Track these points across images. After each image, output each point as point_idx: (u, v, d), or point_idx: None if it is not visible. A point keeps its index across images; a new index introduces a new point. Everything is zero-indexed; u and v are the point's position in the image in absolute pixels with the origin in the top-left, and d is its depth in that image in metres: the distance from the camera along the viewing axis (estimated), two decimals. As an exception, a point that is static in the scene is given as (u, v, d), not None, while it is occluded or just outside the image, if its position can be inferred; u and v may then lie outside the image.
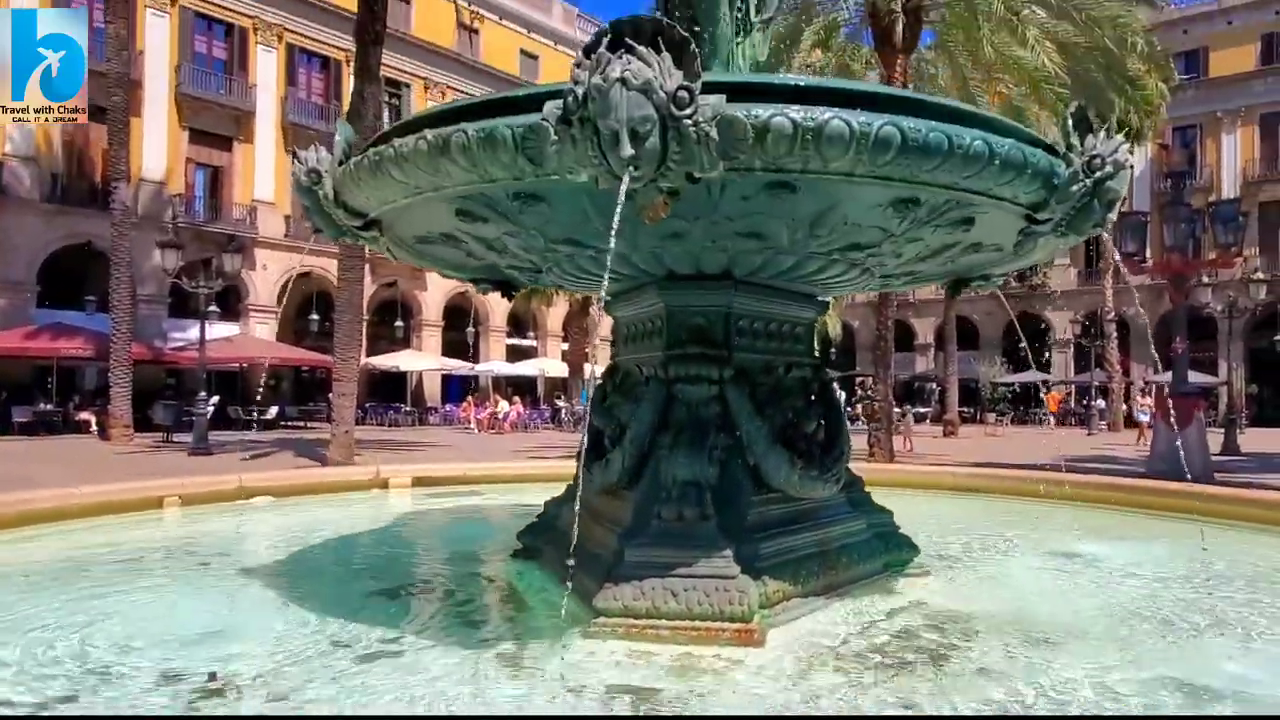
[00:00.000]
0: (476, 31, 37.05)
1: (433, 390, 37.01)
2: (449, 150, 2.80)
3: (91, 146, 25.25)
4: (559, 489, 4.82)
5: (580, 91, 2.53)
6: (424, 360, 35.17)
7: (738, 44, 4.26)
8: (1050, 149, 3.31)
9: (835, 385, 4.87)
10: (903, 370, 40.75)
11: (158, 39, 26.33)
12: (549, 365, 38.85)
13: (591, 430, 4.34)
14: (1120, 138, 3.27)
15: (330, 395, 18.50)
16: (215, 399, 23.14)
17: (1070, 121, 3.29)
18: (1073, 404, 41.63)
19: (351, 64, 30.15)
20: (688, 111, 2.51)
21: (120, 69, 18.66)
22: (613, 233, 2.73)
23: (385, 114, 31.29)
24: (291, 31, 29.97)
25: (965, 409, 38.33)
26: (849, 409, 39.54)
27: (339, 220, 3.58)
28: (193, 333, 26.28)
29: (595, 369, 4.92)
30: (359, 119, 16.94)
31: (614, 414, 4.22)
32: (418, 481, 8.05)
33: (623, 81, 2.46)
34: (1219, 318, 25.07)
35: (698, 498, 3.53)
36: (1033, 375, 40.62)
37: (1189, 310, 22.81)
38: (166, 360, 26.07)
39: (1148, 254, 29.86)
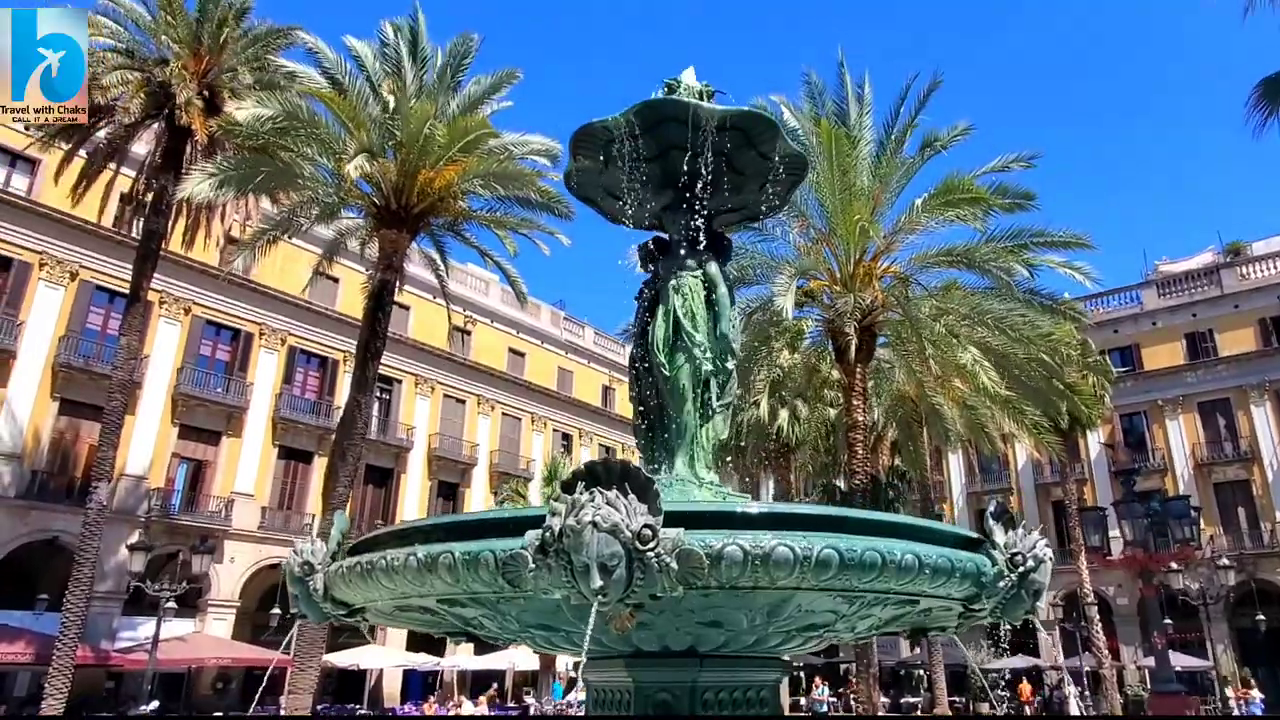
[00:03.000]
0: (469, 333, 39.74)
1: (393, 689, 34.62)
2: (436, 568, 3.11)
3: (79, 442, 25.77)
4: None
5: (557, 527, 2.90)
6: (387, 656, 33.17)
7: (701, 428, 4.80)
8: (980, 541, 3.69)
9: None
10: (887, 656, 39.09)
11: (166, 345, 28.00)
12: (518, 658, 36.85)
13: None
14: (1037, 534, 3.67)
15: (282, 698, 17.35)
16: (155, 705, 21.57)
17: (990, 520, 3.70)
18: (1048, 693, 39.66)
19: (347, 362, 32.14)
20: (651, 546, 2.87)
21: (126, 377, 19.62)
22: (586, 636, 2.98)
23: (375, 408, 32.62)
24: (295, 336, 32.05)
25: (955, 698, 36.31)
26: (833, 698, 37.39)
27: (326, 610, 3.80)
28: (144, 631, 25.05)
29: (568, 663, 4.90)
30: (351, 425, 17.76)
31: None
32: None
33: (594, 524, 2.84)
34: (1196, 603, 24.90)
35: None
36: (1021, 660, 39.03)
37: (1167, 593, 22.86)
38: (112, 663, 24.58)
39: (1111, 544, 30.46)
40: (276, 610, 28.57)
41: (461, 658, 35.75)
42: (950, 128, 16.53)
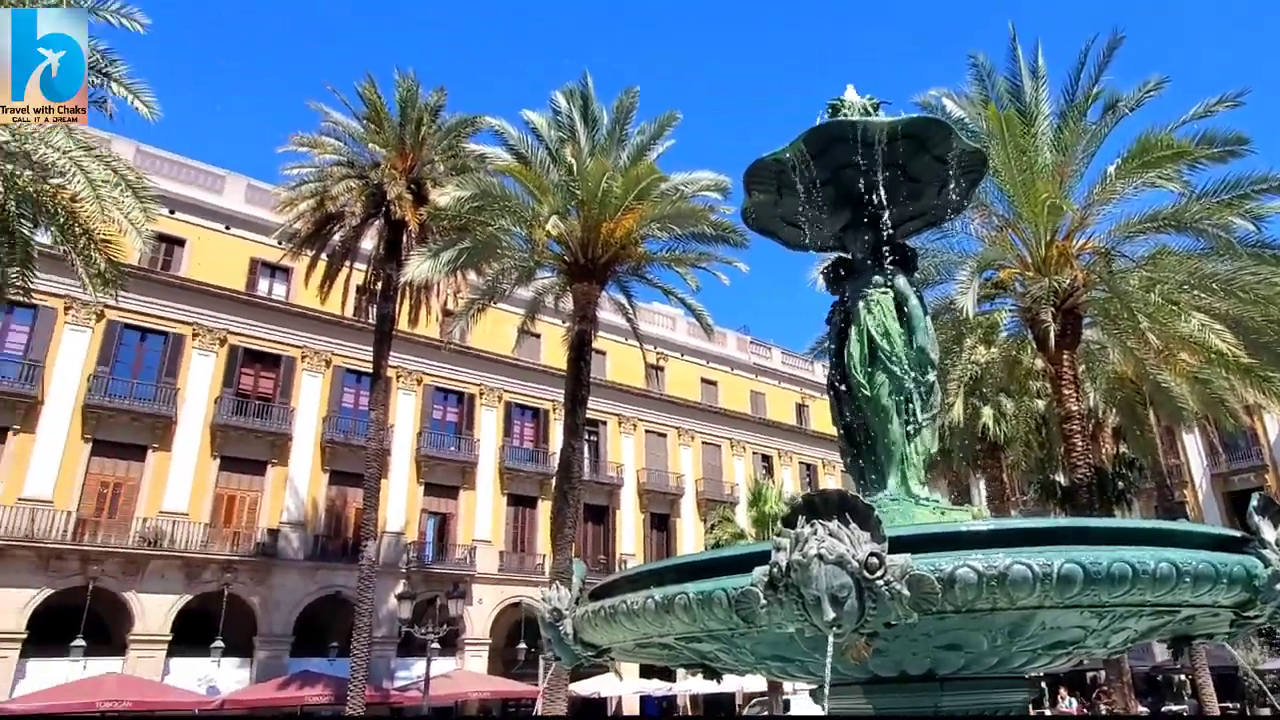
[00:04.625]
0: (662, 369, 40.66)
1: (631, 714, 35.48)
2: (673, 609, 3.19)
3: (347, 507, 28.88)
4: None
5: (783, 563, 2.89)
6: (624, 684, 34.01)
7: (909, 444, 4.62)
8: (1246, 539, 3.27)
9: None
10: (1139, 662, 34.97)
11: (405, 413, 31.05)
12: (747, 682, 36.55)
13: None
14: (1316, 528, 3.20)
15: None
16: (432, 737, 23.38)
17: (1256, 515, 3.28)
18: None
19: (556, 410, 33.87)
20: (879, 574, 2.79)
21: (378, 446, 21.85)
22: (826, 667, 2.92)
23: (585, 450, 34.01)
24: (509, 392, 34.31)
25: (1227, 704, 31.70)
26: (1084, 705, 33.72)
27: (577, 653, 3.99)
28: (415, 670, 27.29)
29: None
30: (568, 469, 18.65)
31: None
32: None
33: (820, 557, 2.81)
34: None
35: None
36: (1309, 658, 33.43)
37: None
38: (393, 701, 26.96)
39: None
40: (522, 645, 30.25)
41: (693, 683, 35.99)
42: (1140, 84, 14.91)
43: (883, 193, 4.95)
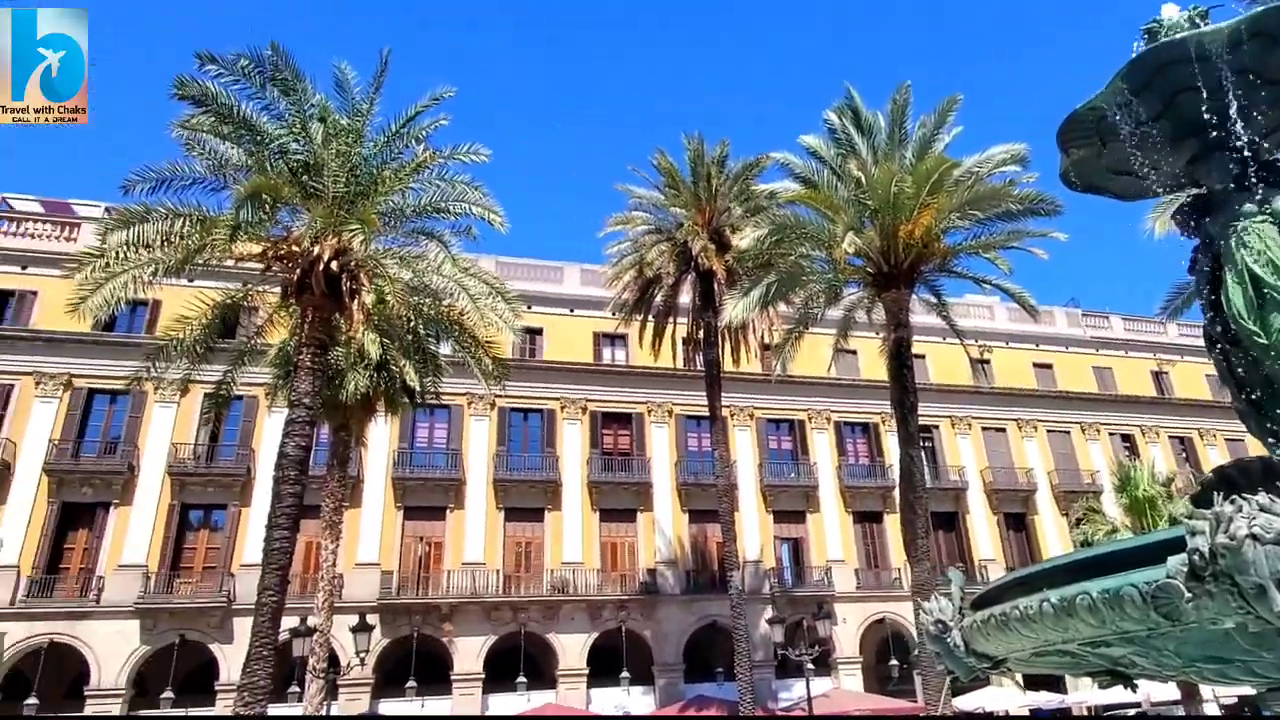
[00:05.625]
0: (987, 362, 37.18)
1: (1028, 729, 31.70)
2: (1075, 611, 2.80)
3: (707, 542, 30.21)
4: None
5: (1205, 548, 2.40)
6: (1009, 696, 30.37)
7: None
8: None
9: None
10: None
11: (744, 448, 31.86)
12: (1153, 689, 30.75)
13: None
14: None
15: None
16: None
17: None
18: None
19: (886, 422, 32.42)
20: (1342, 550, 2.19)
21: (726, 482, 22.73)
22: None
23: (922, 457, 31.93)
24: (836, 412, 33.66)
25: None
26: None
27: (970, 664, 3.67)
28: (795, 690, 27.24)
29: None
30: (910, 479, 17.69)
31: None
32: None
33: (1254, 537, 2.29)
34: None
35: None
36: None
37: None
38: (780, 721, 27.19)
39: None
40: (893, 661, 28.82)
41: (1088, 693, 31.37)
42: None
43: (1237, 108, 4.06)
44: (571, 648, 26.98)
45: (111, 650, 23.20)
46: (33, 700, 21.76)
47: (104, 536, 24.57)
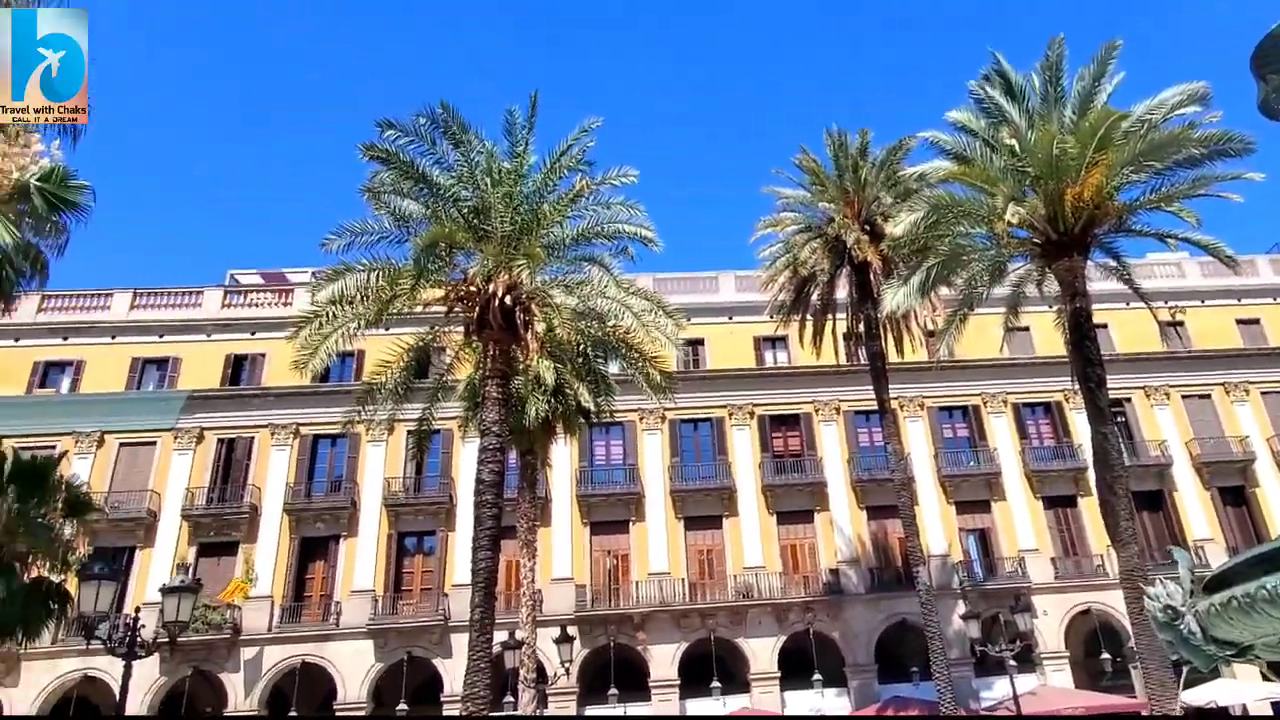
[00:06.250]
0: (1180, 324, 33.41)
1: (1264, 726, 27.63)
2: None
3: (888, 538, 29.00)
4: None
5: None
6: (1246, 689, 26.34)
7: None
8: None
9: None
10: None
11: (917, 438, 30.31)
12: None
13: None
14: None
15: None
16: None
17: None
18: None
19: (1069, 400, 29.85)
20: None
21: (903, 475, 21.83)
22: None
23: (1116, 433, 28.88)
24: (1013, 393, 31.34)
25: None
26: None
27: (1210, 653, 3.36)
28: (997, 688, 25.51)
29: None
30: (1104, 458, 16.16)
31: None
32: None
33: None
34: None
35: None
36: None
37: None
38: (984, 720, 25.44)
39: None
40: (1105, 655, 26.28)
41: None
42: None
43: None
44: (761, 651, 26.77)
45: (352, 668, 25.59)
46: (294, 714, 24.34)
47: (337, 566, 27.25)
